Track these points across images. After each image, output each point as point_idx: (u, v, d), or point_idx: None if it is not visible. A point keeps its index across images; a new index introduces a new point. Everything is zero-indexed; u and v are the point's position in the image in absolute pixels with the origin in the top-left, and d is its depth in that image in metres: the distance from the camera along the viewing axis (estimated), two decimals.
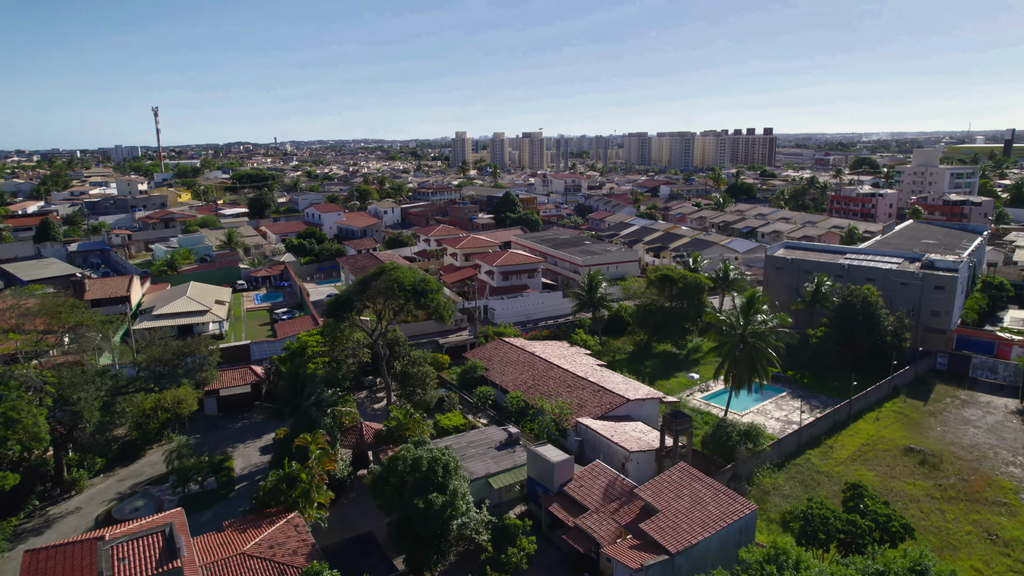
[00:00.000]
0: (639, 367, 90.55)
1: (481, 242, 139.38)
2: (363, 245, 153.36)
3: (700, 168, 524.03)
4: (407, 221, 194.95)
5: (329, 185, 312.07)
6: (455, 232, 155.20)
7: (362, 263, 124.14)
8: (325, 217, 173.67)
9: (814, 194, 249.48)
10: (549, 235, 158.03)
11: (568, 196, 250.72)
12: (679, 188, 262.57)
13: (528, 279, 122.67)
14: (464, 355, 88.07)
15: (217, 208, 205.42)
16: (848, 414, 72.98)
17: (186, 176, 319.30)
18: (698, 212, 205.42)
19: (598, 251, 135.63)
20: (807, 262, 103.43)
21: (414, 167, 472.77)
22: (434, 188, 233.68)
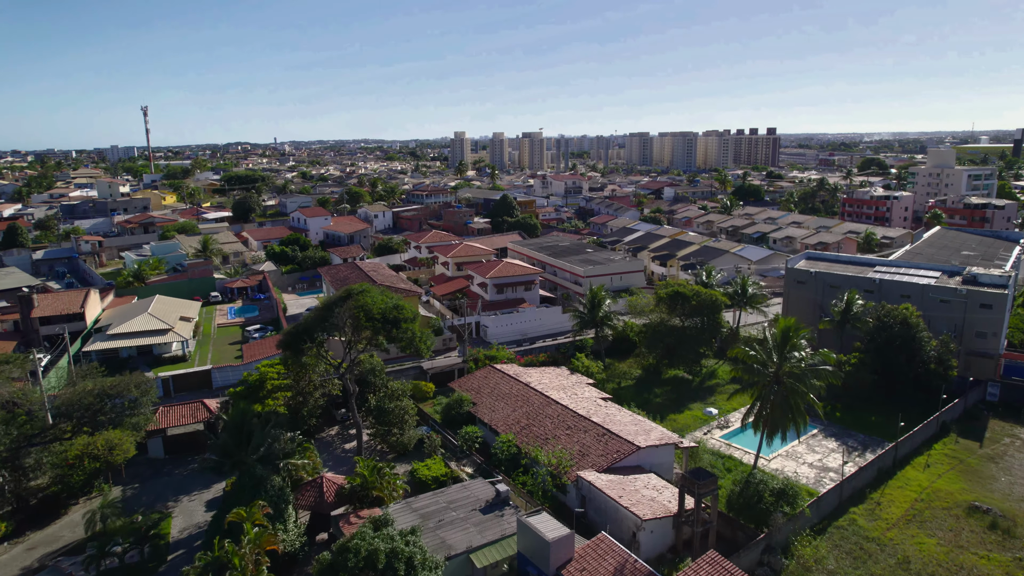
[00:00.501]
0: (647, 396, 80.00)
1: (474, 250, 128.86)
2: (349, 252, 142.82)
3: (703, 169, 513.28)
4: (399, 226, 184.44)
5: (322, 187, 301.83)
6: (448, 238, 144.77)
7: (344, 274, 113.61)
8: (311, 222, 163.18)
9: (824, 196, 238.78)
10: (548, 242, 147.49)
11: (568, 198, 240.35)
12: (683, 190, 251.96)
13: (525, 292, 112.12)
14: (451, 384, 77.46)
15: (200, 211, 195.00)
16: (894, 459, 62.39)
17: (176, 177, 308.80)
18: (705, 216, 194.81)
19: (601, 260, 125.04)
20: (833, 276, 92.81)
21: (412, 168, 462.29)
22: (429, 190, 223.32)
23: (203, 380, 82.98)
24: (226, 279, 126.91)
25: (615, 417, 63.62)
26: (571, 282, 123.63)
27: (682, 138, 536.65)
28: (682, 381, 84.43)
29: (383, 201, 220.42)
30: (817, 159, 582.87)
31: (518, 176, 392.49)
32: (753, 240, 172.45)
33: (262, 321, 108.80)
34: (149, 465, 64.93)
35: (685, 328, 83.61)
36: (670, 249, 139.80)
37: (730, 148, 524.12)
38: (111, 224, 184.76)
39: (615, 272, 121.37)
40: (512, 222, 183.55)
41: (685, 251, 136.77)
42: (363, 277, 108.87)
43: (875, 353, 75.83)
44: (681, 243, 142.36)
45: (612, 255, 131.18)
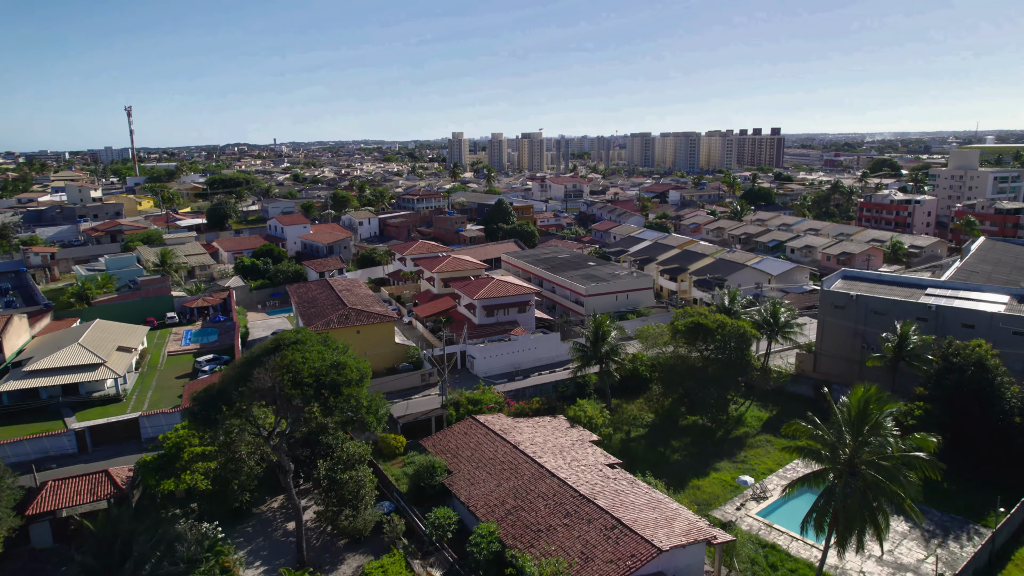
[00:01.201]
0: (663, 451, 65.77)
1: (463, 264, 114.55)
2: (326, 266, 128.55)
3: (706, 170, 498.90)
4: (386, 233, 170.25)
5: (313, 190, 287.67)
6: (435, 248, 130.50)
7: (313, 294, 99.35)
8: (288, 231, 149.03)
9: (839, 200, 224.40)
10: (546, 253, 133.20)
11: (568, 202, 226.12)
12: (689, 193, 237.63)
13: (518, 314, 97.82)
14: (424, 442, 63.12)
15: (174, 218, 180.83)
16: (991, 554, 48.10)
17: (160, 180, 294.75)
18: (714, 222, 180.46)
19: (605, 276, 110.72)
20: (878, 300, 78.46)
21: (408, 169, 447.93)
22: (420, 194, 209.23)
23: (130, 431, 68.80)
24: (186, 297, 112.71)
25: (626, 496, 49.29)
26: (572, 301, 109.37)
27: (685, 139, 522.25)
28: (704, 429, 70.13)
29: (370, 206, 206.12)
30: (822, 160, 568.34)
31: (516, 178, 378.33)
32: (768, 249, 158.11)
33: (220, 348, 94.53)
34: (33, 558, 50.68)
35: (708, 366, 69.26)
36: (681, 262, 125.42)
37: (734, 149, 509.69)
38: (77, 232, 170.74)
39: (621, 290, 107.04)
40: (508, 229, 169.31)
41: (698, 264, 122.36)
42: (332, 299, 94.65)
43: (943, 403, 61.52)
44: (692, 255, 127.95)
45: (617, 269, 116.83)
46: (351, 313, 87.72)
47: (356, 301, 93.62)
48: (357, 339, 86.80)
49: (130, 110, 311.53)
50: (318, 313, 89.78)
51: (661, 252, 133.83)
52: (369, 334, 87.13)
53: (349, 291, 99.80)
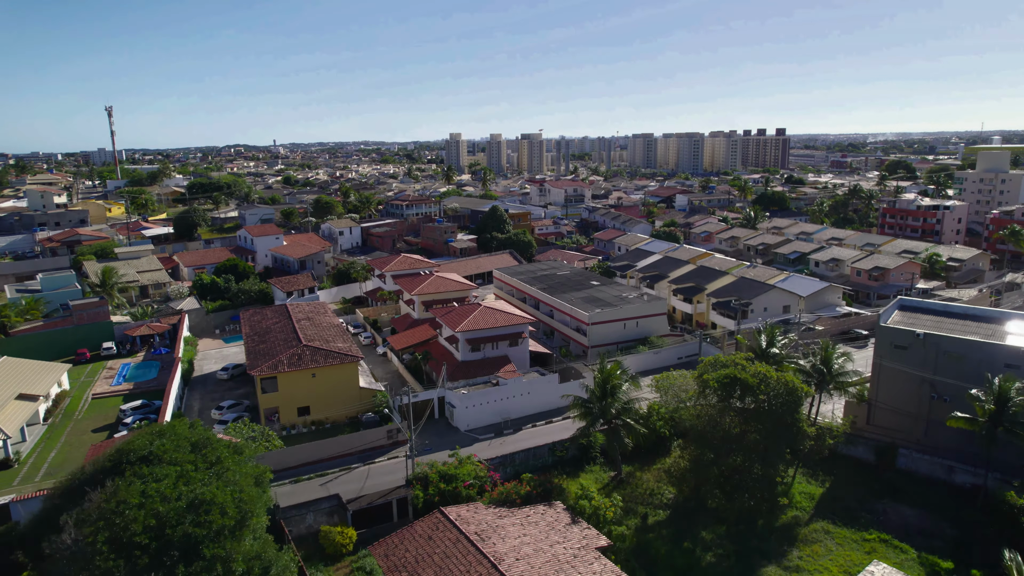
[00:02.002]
0: (691, 550, 49.99)
1: (447, 284, 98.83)
2: (296, 284, 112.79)
3: (710, 171, 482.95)
4: (369, 244, 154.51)
5: (302, 193, 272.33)
6: (418, 264, 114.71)
7: (267, 323, 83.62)
8: (259, 242, 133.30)
9: (858, 205, 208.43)
10: (544, 269, 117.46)
11: (569, 208, 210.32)
12: (697, 198, 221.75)
13: (509, 348, 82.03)
14: (373, 548, 47.35)
15: (141, 226, 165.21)
16: None
17: (140, 183, 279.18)
18: (727, 231, 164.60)
19: (610, 299, 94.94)
20: (952, 341, 62.53)
21: (404, 172, 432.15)
22: (410, 200, 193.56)
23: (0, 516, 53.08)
24: (129, 323, 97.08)
25: None
26: (572, 328, 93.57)
27: (688, 139, 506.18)
28: (742, 513, 54.24)
29: (355, 213, 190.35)
30: (828, 161, 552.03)
31: (515, 180, 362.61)
32: (790, 262, 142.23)
33: (159, 388, 78.74)
34: None
35: (747, 433, 53.42)
36: (696, 280, 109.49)
37: (738, 150, 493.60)
38: (32, 242, 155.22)
39: (630, 316, 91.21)
40: (503, 239, 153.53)
41: (716, 283, 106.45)
42: (288, 331, 78.90)
43: None
44: (709, 272, 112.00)
45: (624, 290, 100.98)
46: (305, 352, 72.04)
47: (316, 335, 77.91)
48: (312, 384, 71.28)
49: (111, 110, 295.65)
50: (267, 351, 74.04)
51: (673, 268, 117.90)
52: (327, 378, 71.53)
53: (310, 320, 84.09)
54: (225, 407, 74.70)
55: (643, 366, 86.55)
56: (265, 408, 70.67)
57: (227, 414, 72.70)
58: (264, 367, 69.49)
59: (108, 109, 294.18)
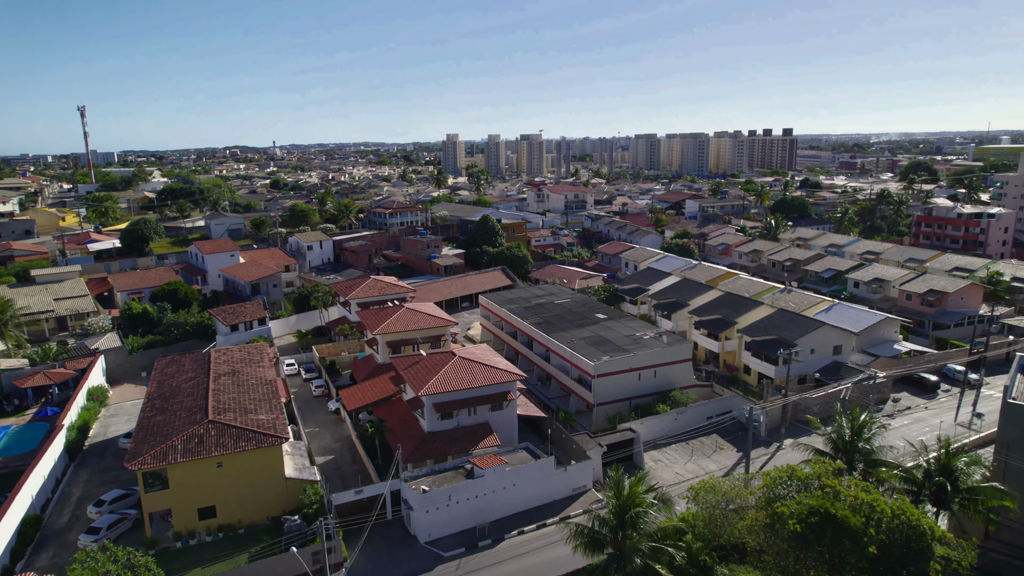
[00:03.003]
0: None
1: (418, 320, 79.24)
2: (242, 315, 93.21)
3: (716, 173, 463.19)
4: (342, 260, 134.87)
5: (285, 198, 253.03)
6: (390, 290, 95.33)
7: (178, 379, 64.11)
8: (210, 261, 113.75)
9: (886, 212, 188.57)
10: (539, 295, 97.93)
11: (570, 215, 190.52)
12: (709, 204, 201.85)
13: (491, 413, 62.46)
14: None
15: (90, 239, 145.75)
16: None
17: (114, 188, 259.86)
18: (747, 243, 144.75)
19: (621, 340, 75.41)
20: None
21: (399, 174, 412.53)
22: (394, 207, 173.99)
23: None
24: (20, 371, 77.65)
25: None
26: (574, 378, 74.00)
27: (693, 140, 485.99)
28: None
29: (333, 223, 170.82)
30: (835, 162, 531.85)
31: (513, 183, 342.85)
32: (823, 280, 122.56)
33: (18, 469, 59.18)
34: None
35: None
36: (723, 310, 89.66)
37: (745, 151, 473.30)
38: None
39: (646, 365, 71.63)
40: (494, 254, 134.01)
41: (748, 316, 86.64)
42: (198, 394, 59.34)
43: None
44: (737, 301, 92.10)
45: (636, 326, 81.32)
46: (210, 432, 52.47)
47: (234, 401, 58.36)
48: (219, 476, 51.73)
49: (83, 110, 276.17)
50: (160, 428, 54.38)
51: (692, 293, 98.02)
52: (240, 466, 52.01)
53: (234, 375, 64.56)
54: (108, 502, 55.26)
55: (662, 431, 67.13)
56: (152, 511, 51.21)
57: (106, 515, 53.22)
58: (147, 457, 49.94)
59: (80, 109, 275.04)
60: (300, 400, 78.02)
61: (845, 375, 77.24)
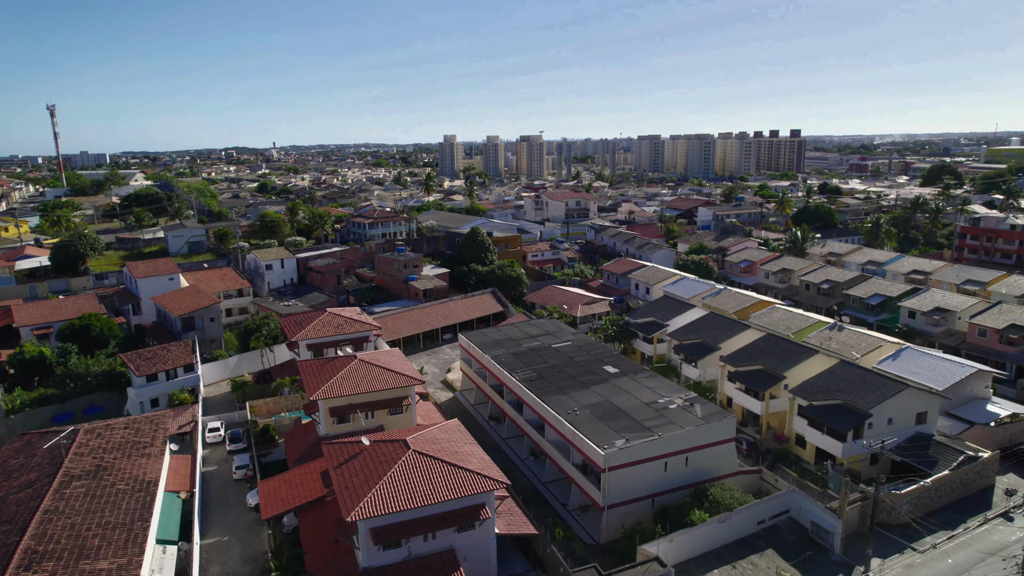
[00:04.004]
0: None
1: (372, 379, 59.66)
2: (163, 361, 73.88)
3: (722, 175, 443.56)
4: (307, 282, 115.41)
5: (267, 204, 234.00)
6: (348, 327, 76.15)
7: (22, 482, 44.82)
8: (144, 286, 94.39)
9: (921, 223, 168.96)
10: (533, 335, 78.60)
11: (571, 225, 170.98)
12: (723, 211, 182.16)
13: (458, 535, 43.05)
14: None
15: (21, 255, 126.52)
16: None
17: (84, 193, 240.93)
18: (774, 260, 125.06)
19: (640, 411, 56.03)
20: None
21: (392, 177, 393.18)
22: (376, 217, 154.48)
23: None
24: None
25: None
26: (576, 465, 54.50)
27: (698, 142, 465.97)
28: None
29: (305, 235, 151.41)
30: (844, 164, 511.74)
31: (511, 186, 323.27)
32: (868, 308, 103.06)
33: None
34: None
35: None
36: (764, 358, 69.98)
37: (752, 152, 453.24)
38: None
39: (676, 451, 52.17)
40: (484, 273, 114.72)
41: (800, 371, 66.98)
42: (26, 506, 40.01)
43: None
44: (782, 347, 72.25)
45: (658, 386, 61.80)
46: None
47: (69, 532, 38.92)
48: None
49: (53, 109, 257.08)
50: None
51: (723, 333, 78.30)
52: None
53: (97, 477, 45.46)
54: None
55: (700, 547, 47.67)
56: None
57: None
58: None
59: (50, 108, 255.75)
60: (215, 487, 58.74)
61: (936, 454, 57.71)
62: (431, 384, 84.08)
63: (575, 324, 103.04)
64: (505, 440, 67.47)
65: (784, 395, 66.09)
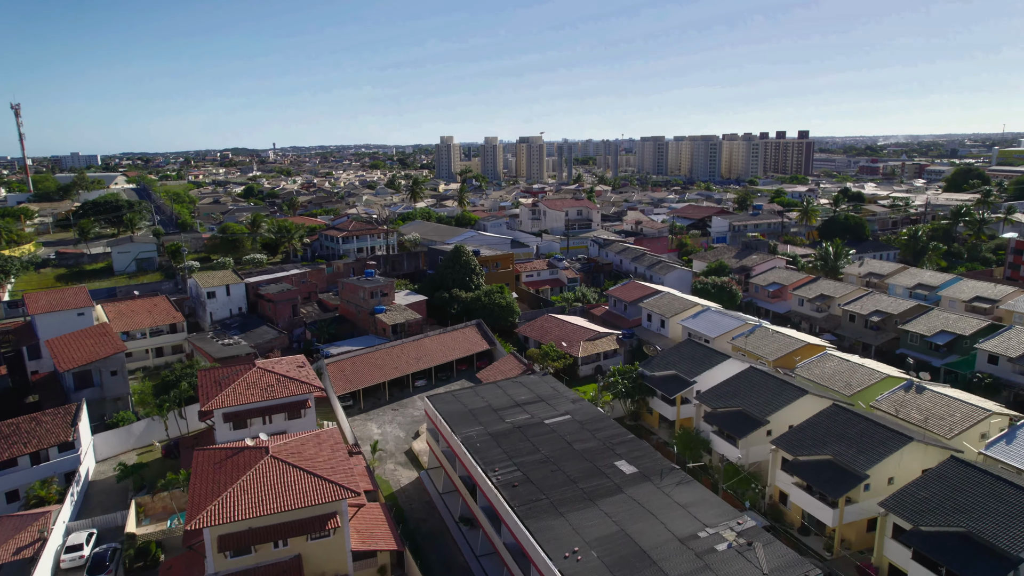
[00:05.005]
0: None
1: (286, 494, 40.40)
2: (33, 436, 54.86)
3: (728, 178, 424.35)
4: (259, 312, 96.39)
5: (242, 212, 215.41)
6: (281, 389, 57.43)
7: None
8: (42, 324, 75.61)
9: (963, 236, 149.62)
10: (520, 405, 59.65)
11: (572, 237, 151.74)
12: (739, 220, 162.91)
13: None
14: None
15: None
16: None
17: (48, 198, 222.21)
18: (809, 284, 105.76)
19: (672, 552, 36.98)
20: None
21: (387, 179, 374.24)
22: (352, 229, 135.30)
23: None
24: None
25: None
26: None
27: (704, 143, 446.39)
28: None
29: (269, 251, 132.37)
30: (853, 166, 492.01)
31: (509, 190, 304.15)
32: (934, 349, 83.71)
33: None
34: None
35: None
36: (834, 443, 50.72)
37: (760, 154, 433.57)
38: None
39: None
40: (468, 301, 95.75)
41: (888, 465, 47.75)
42: None
43: None
44: (853, 424, 52.87)
45: (693, 500, 42.76)
46: None
47: None
48: None
49: (18, 108, 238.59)
50: None
51: (771, 399, 59.00)
52: None
53: None
54: None
55: None
56: None
57: None
58: None
59: (15, 108, 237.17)
60: None
61: None
62: (391, 458, 65.06)
63: (576, 366, 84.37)
64: (478, 559, 48.46)
65: (866, 499, 47.04)
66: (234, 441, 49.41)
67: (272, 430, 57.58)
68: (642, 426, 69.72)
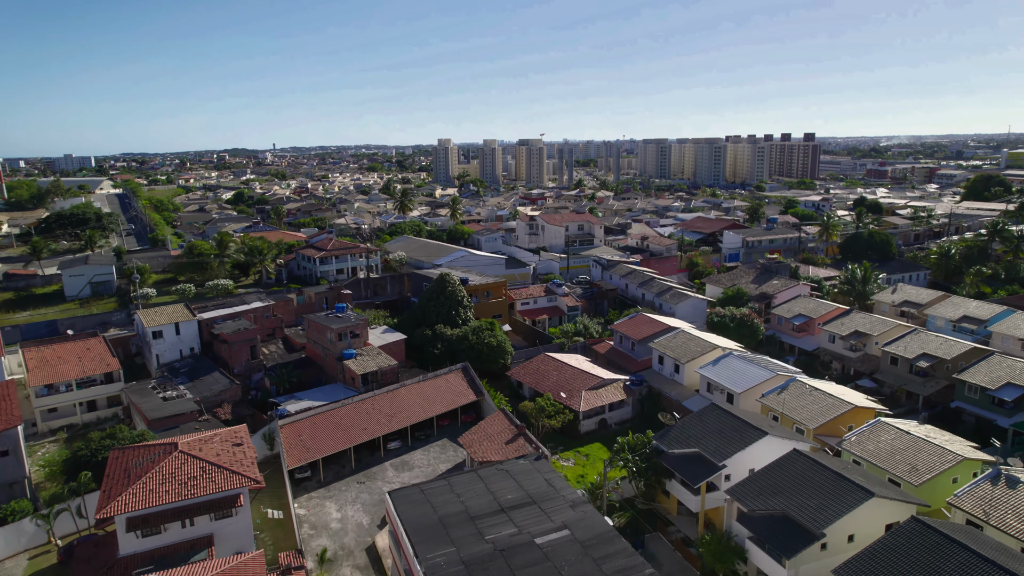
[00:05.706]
0: None
1: None
2: None
3: (733, 182, 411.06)
4: (216, 353, 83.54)
5: (225, 222, 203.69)
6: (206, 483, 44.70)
7: None
8: None
9: (1001, 254, 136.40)
10: (506, 508, 47.13)
11: (573, 254, 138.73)
12: (753, 236, 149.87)
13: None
14: None
15: None
16: None
17: (21, 207, 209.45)
18: (839, 318, 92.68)
19: None
20: None
21: (383, 183, 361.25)
22: (334, 248, 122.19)
23: None
24: None
25: None
26: None
27: (708, 146, 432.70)
28: None
29: (244, 271, 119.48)
30: (860, 169, 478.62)
31: (507, 196, 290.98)
32: (998, 405, 70.66)
33: None
34: None
35: None
36: (916, 568, 37.84)
37: (766, 157, 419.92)
38: None
39: None
40: (454, 340, 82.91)
41: None
42: None
43: None
44: (940, 551, 40.12)
45: None
46: None
47: None
48: None
49: None
50: None
51: (827, 500, 46.07)
52: None
53: None
54: None
55: None
56: None
57: None
58: None
59: None
60: None
61: None
62: (347, 558, 52.07)
63: (577, 422, 71.74)
64: None
65: None
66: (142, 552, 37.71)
67: (193, 534, 45.01)
68: (657, 512, 56.84)
